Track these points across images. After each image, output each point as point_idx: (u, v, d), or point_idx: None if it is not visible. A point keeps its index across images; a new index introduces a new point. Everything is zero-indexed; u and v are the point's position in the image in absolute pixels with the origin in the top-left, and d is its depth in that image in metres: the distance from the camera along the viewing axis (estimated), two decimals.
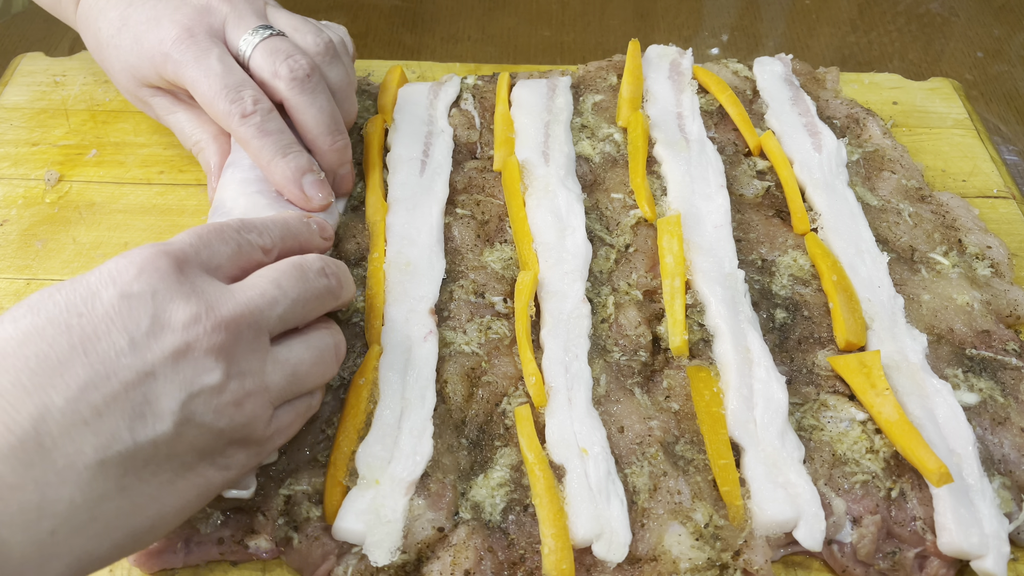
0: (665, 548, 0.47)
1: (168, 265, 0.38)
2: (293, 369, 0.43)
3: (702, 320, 0.58)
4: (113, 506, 0.35)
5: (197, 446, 0.38)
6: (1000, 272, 0.63)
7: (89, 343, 0.35)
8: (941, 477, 0.47)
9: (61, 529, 0.33)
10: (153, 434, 0.35)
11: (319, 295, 0.45)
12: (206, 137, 0.63)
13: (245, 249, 0.44)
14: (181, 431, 0.36)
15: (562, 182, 0.66)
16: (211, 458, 0.39)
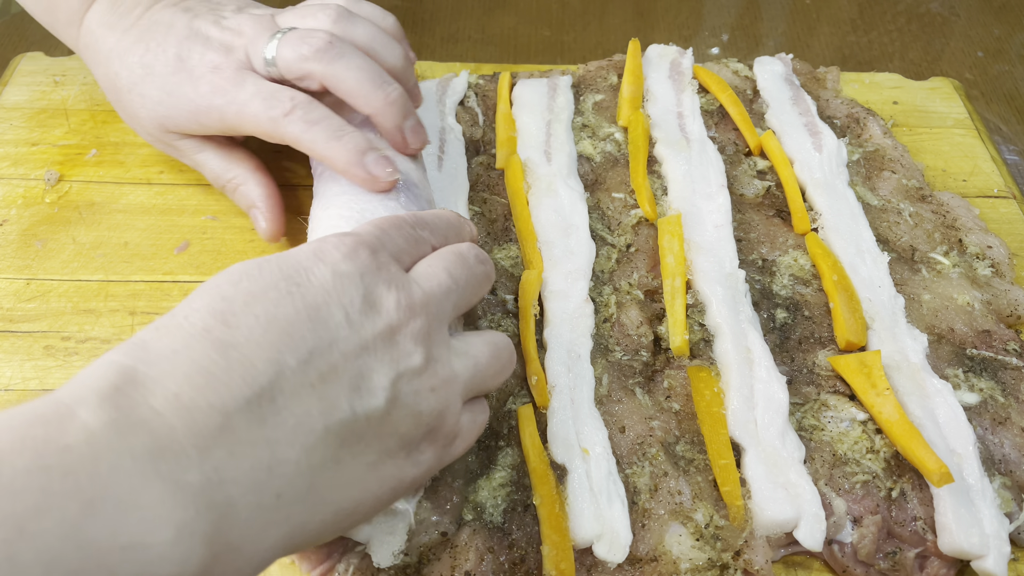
0: (665, 548, 0.47)
1: (367, 251, 0.40)
2: (475, 361, 0.42)
3: (703, 320, 0.58)
4: (328, 477, 0.34)
5: (400, 430, 0.37)
6: (1001, 272, 0.63)
7: (312, 310, 0.35)
8: (942, 477, 0.47)
9: (286, 493, 0.33)
10: (368, 408, 0.36)
11: (480, 281, 0.45)
12: (242, 173, 0.62)
13: (419, 244, 0.44)
14: (389, 409, 0.37)
15: (565, 181, 0.66)
16: (408, 449, 0.39)
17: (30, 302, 0.61)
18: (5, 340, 0.58)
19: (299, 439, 0.33)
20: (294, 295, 0.36)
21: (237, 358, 0.33)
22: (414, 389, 0.38)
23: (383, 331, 0.37)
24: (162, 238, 0.66)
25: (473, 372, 0.42)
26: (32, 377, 0.56)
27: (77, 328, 0.59)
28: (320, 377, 0.34)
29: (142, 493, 0.28)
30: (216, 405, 0.31)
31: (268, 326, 0.34)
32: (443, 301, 0.42)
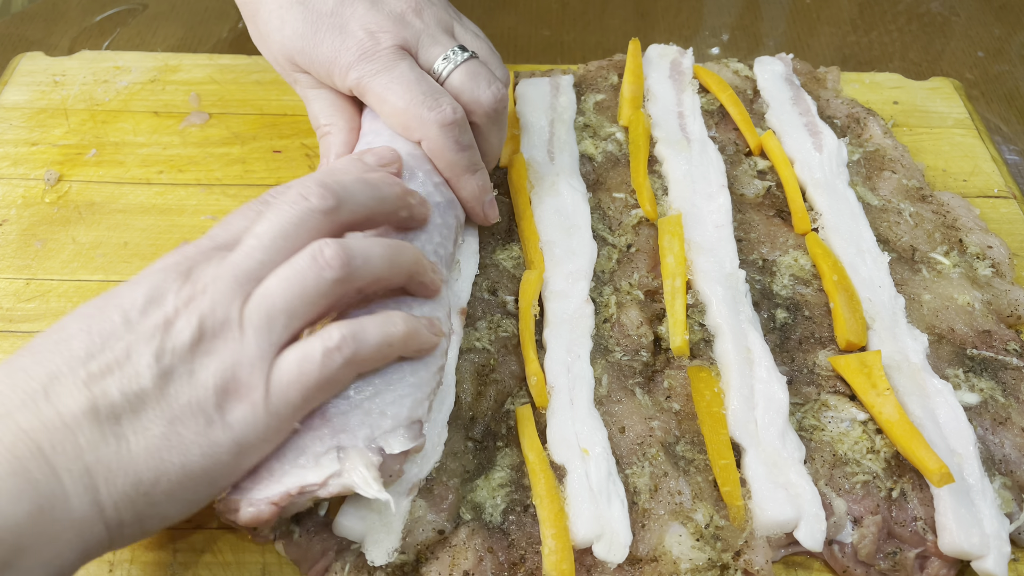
0: (666, 549, 0.47)
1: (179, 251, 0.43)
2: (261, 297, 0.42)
3: (703, 320, 0.58)
4: (112, 451, 0.38)
5: (181, 399, 0.40)
6: (1001, 272, 0.63)
7: (92, 321, 0.41)
8: (942, 477, 0.47)
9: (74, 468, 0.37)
10: (135, 388, 0.39)
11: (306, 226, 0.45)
12: (339, 124, 0.61)
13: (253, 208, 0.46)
14: (162, 385, 0.40)
15: (568, 181, 0.66)
16: (204, 414, 0.40)
17: (30, 302, 0.61)
18: (5, 340, 0.58)
19: (73, 425, 0.38)
20: (86, 316, 0.41)
21: (21, 376, 0.39)
22: (191, 359, 0.40)
23: (159, 321, 0.41)
24: (162, 238, 0.66)
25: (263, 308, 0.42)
26: None
27: None
28: (91, 376, 0.39)
29: None
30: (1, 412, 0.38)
31: (55, 345, 0.40)
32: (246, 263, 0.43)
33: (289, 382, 0.42)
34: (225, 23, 0.95)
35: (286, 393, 0.42)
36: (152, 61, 0.82)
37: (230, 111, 0.77)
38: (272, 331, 0.42)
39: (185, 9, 0.97)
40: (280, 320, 0.42)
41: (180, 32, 0.93)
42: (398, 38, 0.57)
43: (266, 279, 0.43)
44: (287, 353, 0.42)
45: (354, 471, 0.42)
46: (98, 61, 0.81)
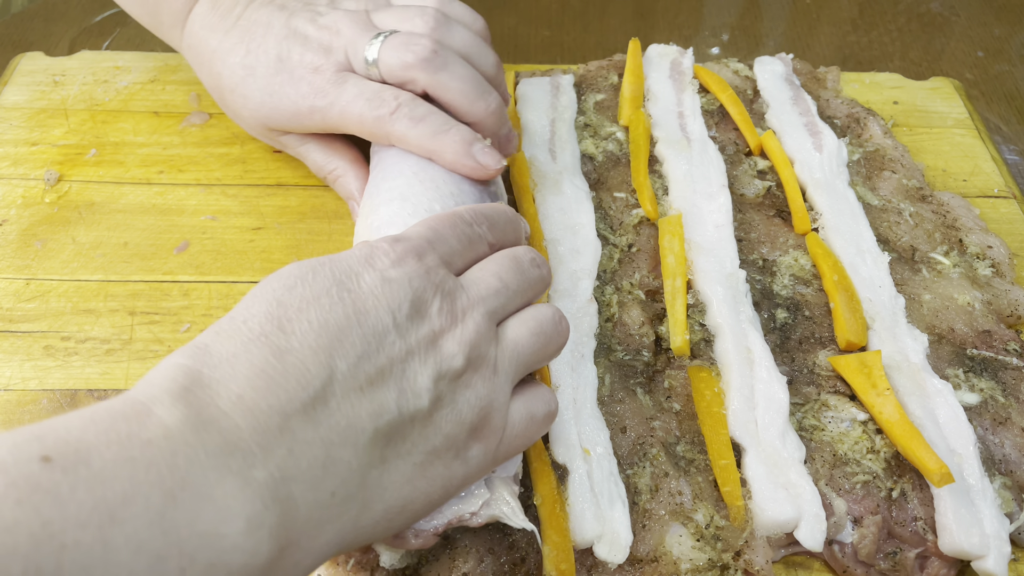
0: (666, 549, 0.47)
1: (415, 257, 0.41)
2: (514, 346, 0.42)
3: (703, 320, 0.58)
4: (376, 476, 0.36)
5: (444, 430, 0.39)
6: (1001, 272, 0.63)
7: (361, 316, 0.37)
8: (942, 477, 0.47)
9: (339, 491, 0.35)
10: (413, 408, 0.37)
11: (532, 284, 0.45)
12: (342, 164, 0.64)
13: (475, 243, 0.45)
14: (432, 411, 0.38)
15: (570, 180, 0.66)
16: (455, 448, 0.39)
17: (30, 302, 0.61)
18: (5, 340, 0.58)
19: (350, 439, 0.35)
20: (345, 301, 0.37)
21: (292, 362, 0.35)
22: (455, 389, 0.39)
23: (427, 335, 0.39)
24: (162, 238, 0.66)
25: (514, 358, 0.42)
26: (32, 377, 0.56)
27: (77, 328, 0.59)
28: (368, 380, 0.36)
29: (216, 486, 0.31)
30: (275, 407, 0.33)
31: (320, 331, 0.36)
32: (492, 301, 0.42)
33: (517, 435, 0.42)
34: None
35: (511, 444, 0.42)
36: (152, 61, 0.82)
37: None
38: (515, 380, 0.42)
39: None
40: (521, 372, 0.43)
41: None
42: (332, 63, 0.59)
43: (511, 325, 0.43)
44: (516, 404, 0.42)
45: (501, 501, 0.43)
46: (98, 61, 0.81)
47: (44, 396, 0.55)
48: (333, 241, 0.66)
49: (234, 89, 0.63)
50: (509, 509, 0.43)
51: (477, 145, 0.56)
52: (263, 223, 0.67)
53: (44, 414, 0.54)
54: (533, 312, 0.44)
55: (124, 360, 0.58)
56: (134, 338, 0.59)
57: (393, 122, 0.56)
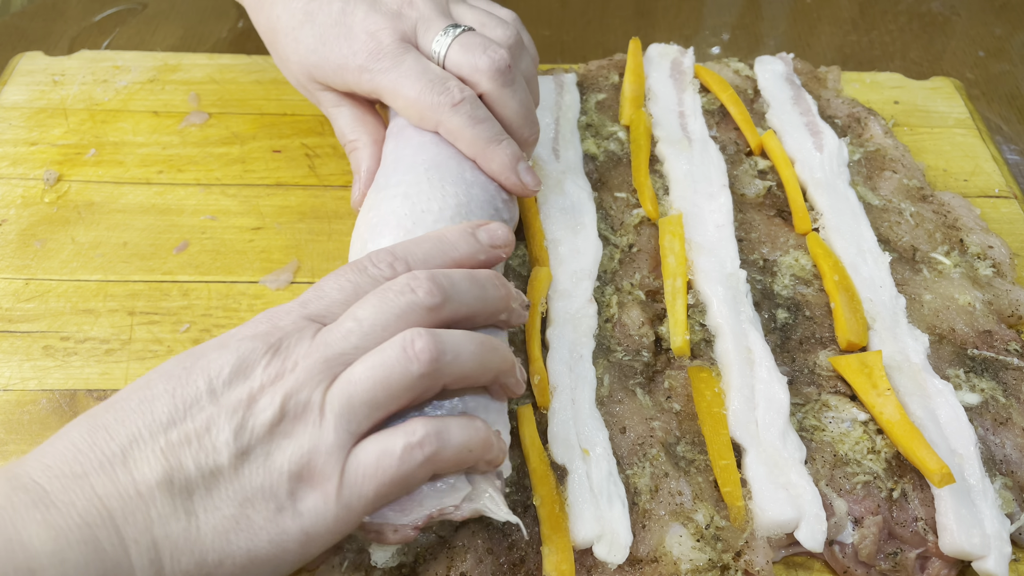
0: (666, 549, 0.47)
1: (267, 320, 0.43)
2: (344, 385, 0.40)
3: (703, 320, 0.58)
4: (181, 527, 0.38)
5: (255, 482, 0.39)
6: (1002, 272, 0.63)
7: (178, 387, 0.40)
8: (943, 478, 0.47)
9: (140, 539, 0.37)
10: (211, 464, 0.38)
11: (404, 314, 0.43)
12: (365, 138, 0.63)
13: (364, 289, 0.44)
14: (238, 464, 0.39)
15: (573, 179, 0.66)
16: (275, 499, 0.39)
17: (29, 302, 0.61)
18: (4, 340, 0.58)
19: (145, 492, 0.37)
20: (172, 376, 0.40)
21: (101, 434, 0.38)
22: (270, 440, 0.39)
23: (243, 395, 0.40)
24: (161, 238, 0.66)
25: (346, 397, 0.40)
26: (31, 377, 0.56)
27: (76, 328, 0.59)
28: (169, 444, 0.38)
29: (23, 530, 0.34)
30: (76, 470, 0.37)
31: (138, 405, 0.39)
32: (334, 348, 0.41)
33: (365, 475, 0.40)
34: (225, 23, 0.95)
35: (360, 486, 0.40)
36: (151, 61, 0.81)
37: (229, 111, 0.77)
38: (352, 420, 0.40)
39: (185, 9, 0.97)
40: (362, 410, 0.40)
41: (179, 32, 0.93)
42: (397, 33, 0.58)
43: (353, 364, 0.41)
44: (366, 444, 0.40)
45: (484, 495, 0.43)
46: (97, 61, 0.81)
47: (43, 396, 0.55)
48: (333, 241, 0.66)
49: (288, 32, 0.61)
50: (492, 502, 0.42)
51: (523, 164, 0.57)
52: (263, 223, 0.67)
53: (43, 414, 0.54)
54: (378, 350, 0.42)
55: (123, 360, 0.58)
56: (133, 338, 0.59)
57: (452, 114, 0.56)
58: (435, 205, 0.53)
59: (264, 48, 0.66)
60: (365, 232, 0.53)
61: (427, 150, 0.57)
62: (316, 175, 0.72)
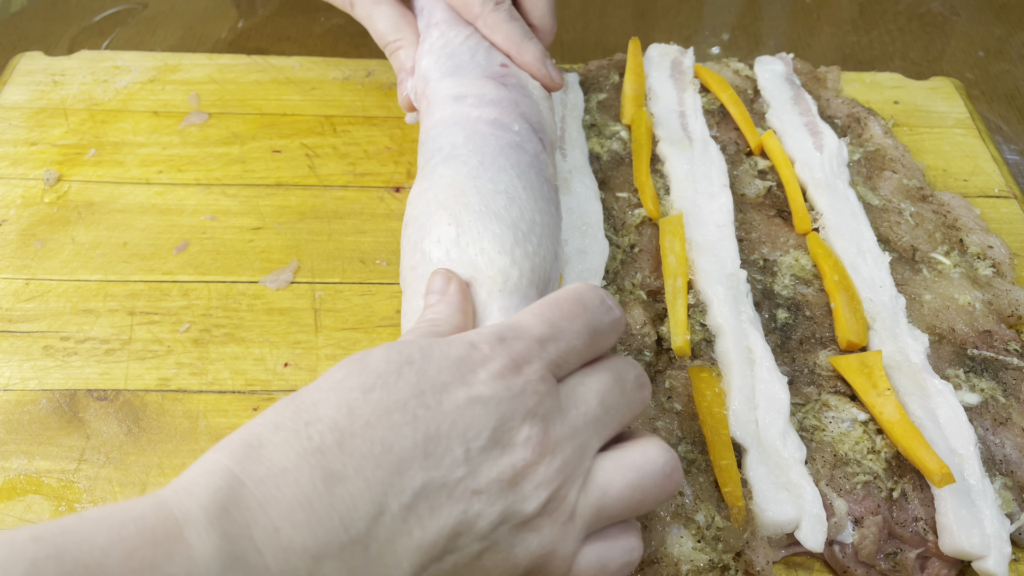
0: (667, 550, 0.47)
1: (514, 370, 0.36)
2: (601, 495, 0.37)
3: (704, 320, 0.58)
4: None
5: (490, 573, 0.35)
6: (1002, 272, 0.63)
7: (431, 444, 0.33)
8: (943, 478, 0.47)
9: None
10: (460, 555, 0.33)
11: (633, 410, 0.40)
12: (407, 36, 0.64)
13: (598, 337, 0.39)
14: (482, 555, 0.34)
15: (580, 179, 0.66)
16: None
17: (29, 302, 0.61)
18: (4, 340, 0.58)
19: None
20: (418, 421, 0.33)
21: (341, 494, 0.31)
22: (517, 532, 0.35)
23: (504, 473, 0.34)
24: (161, 238, 0.66)
25: (598, 510, 0.37)
26: (31, 377, 0.56)
27: (76, 328, 0.59)
28: (420, 524, 0.32)
29: None
30: (311, 549, 0.30)
31: (380, 458, 0.32)
32: (586, 433, 0.37)
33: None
34: (225, 23, 0.95)
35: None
36: (151, 61, 0.81)
37: (230, 111, 0.77)
38: (592, 528, 0.37)
39: (185, 9, 0.97)
40: (604, 521, 0.37)
41: (179, 32, 0.93)
42: None
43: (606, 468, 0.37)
44: (589, 551, 0.37)
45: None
46: (97, 61, 0.81)
47: (43, 396, 0.55)
48: (333, 241, 0.66)
49: None
50: None
51: (550, 60, 0.62)
52: (263, 223, 0.67)
53: (43, 414, 0.54)
54: (636, 454, 0.38)
55: (123, 360, 0.58)
56: (133, 338, 0.59)
57: (495, 10, 0.60)
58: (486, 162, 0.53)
59: (264, 48, 0.66)
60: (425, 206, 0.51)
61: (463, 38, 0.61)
62: (316, 175, 0.72)
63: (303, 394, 0.34)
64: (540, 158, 0.55)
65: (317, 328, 0.60)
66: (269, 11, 0.97)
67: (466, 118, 0.56)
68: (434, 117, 0.58)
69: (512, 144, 0.54)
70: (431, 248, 0.48)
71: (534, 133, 0.56)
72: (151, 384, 0.56)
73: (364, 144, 0.75)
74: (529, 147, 0.55)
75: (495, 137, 0.54)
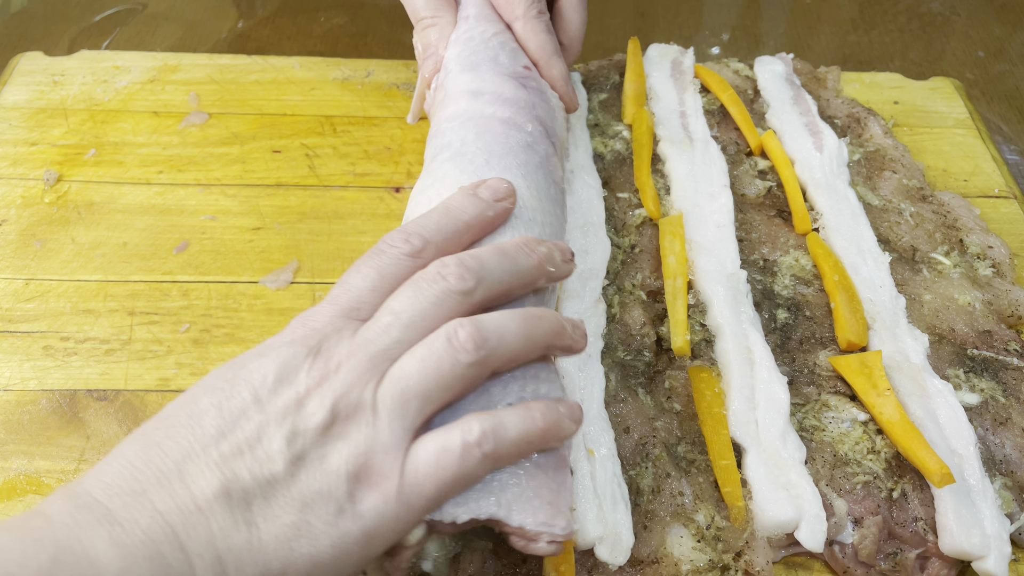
0: (667, 550, 0.47)
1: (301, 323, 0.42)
2: (395, 380, 0.40)
3: (704, 320, 0.58)
4: (243, 539, 0.37)
5: (313, 486, 0.38)
6: (1001, 272, 0.63)
7: (224, 401, 0.39)
8: (943, 478, 0.47)
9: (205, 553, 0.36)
10: (266, 473, 0.38)
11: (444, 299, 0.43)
12: (444, 16, 0.65)
13: (387, 271, 0.44)
14: (294, 471, 0.38)
15: (583, 177, 0.66)
16: (335, 502, 0.38)
17: (29, 302, 0.61)
18: (4, 340, 0.58)
19: (204, 507, 0.37)
20: (216, 390, 0.40)
21: (155, 451, 0.38)
22: (323, 443, 0.39)
23: (290, 400, 0.39)
24: (161, 238, 0.66)
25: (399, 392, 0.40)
26: (31, 377, 0.56)
27: (76, 328, 0.59)
28: (223, 456, 0.38)
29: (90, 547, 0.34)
30: (135, 488, 0.37)
31: (187, 420, 0.39)
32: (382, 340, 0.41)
33: (425, 474, 0.39)
34: (225, 23, 0.95)
35: (421, 485, 0.39)
36: (151, 61, 0.81)
37: (230, 111, 0.77)
38: (406, 416, 0.40)
39: (185, 9, 0.97)
40: (415, 404, 0.40)
41: (179, 32, 0.93)
42: None
43: (400, 359, 0.41)
44: (424, 442, 0.40)
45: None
46: (97, 61, 0.81)
47: (43, 396, 0.55)
48: (333, 241, 0.66)
49: None
50: None
51: (570, 83, 0.64)
52: (263, 223, 0.67)
53: (43, 414, 0.54)
54: (430, 337, 0.41)
55: (123, 360, 0.58)
56: (133, 338, 0.59)
57: (537, 18, 0.63)
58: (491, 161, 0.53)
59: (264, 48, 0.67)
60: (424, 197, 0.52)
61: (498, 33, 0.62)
62: (316, 175, 0.72)
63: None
64: (550, 160, 0.55)
65: None
66: (269, 11, 0.97)
67: (480, 115, 0.56)
68: (448, 110, 0.58)
69: (523, 144, 0.54)
70: None
71: (547, 136, 0.56)
72: (151, 384, 0.56)
73: (364, 144, 0.75)
74: (540, 148, 0.55)
75: (506, 136, 0.54)
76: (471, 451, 0.40)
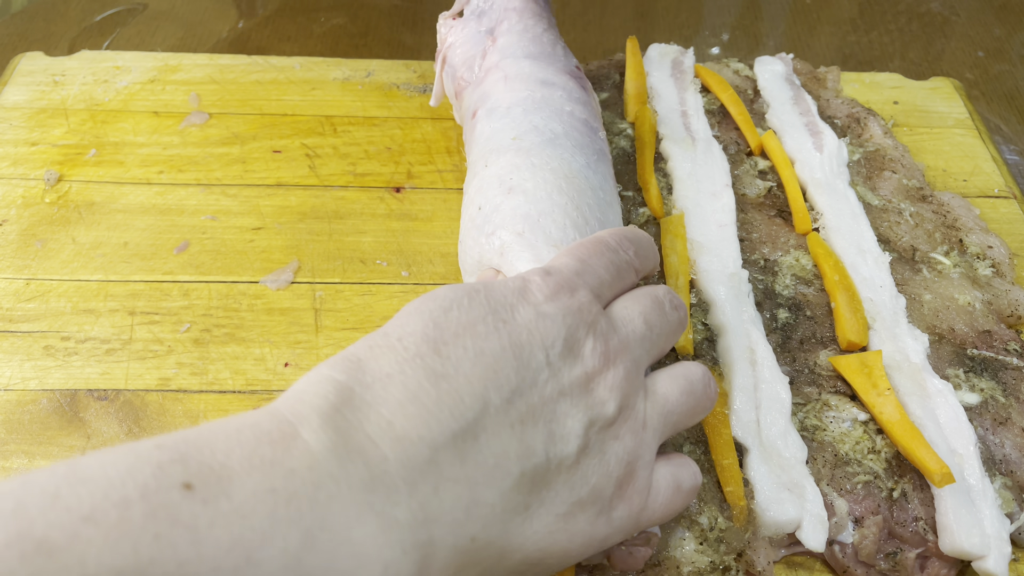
0: (669, 553, 0.47)
1: (568, 293, 0.38)
2: (663, 402, 0.39)
3: (706, 319, 0.58)
4: (517, 524, 0.33)
5: (590, 481, 0.36)
6: (1001, 272, 0.63)
7: (517, 349, 0.35)
8: (943, 478, 0.47)
9: (480, 536, 0.32)
10: (561, 454, 0.34)
11: (673, 329, 0.42)
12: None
13: (623, 273, 0.42)
14: (580, 458, 0.35)
15: None
16: (600, 503, 0.36)
17: (30, 302, 0.61)
18: (5, 340, 0.58)
19: (496, 480, 0.33)
20: (500, 331, 0.35)
21: (447, 389, 0.32)
22: (604, 439, 0.36)
23: (580, 377, 0.36)
24: (162, 238, 0.66)
25: (663, 416, 0.39)
26: (32, 377, 0.56)
27: (77, 328, 0.59)
28: (520, 418, 0.33)
29: (356, 527, 0.28)
30: (426, 438, 0.31)
31: (476, 359, 0.34)
32: (638, 349, 0.39)
33: (662, 502, 0.39)
34: (225, 23, 0.95)
35: (654, 512, 0.39)
36: (152, 61, 0.81)
37: (230, 111, 0.77)
38: (659, 439, 0.39)
39: (185, 9, 0.97)
40: (668, 431, 0.39)
41: (180, 32, 0.93)
42: None
43: (661, 380, 0.40)
44: (661, 470, 0.39)
45: None
46: (98, 61, 0.81)
47: (44, 396, 0.55)
48: (333, 241, 0.66)
49: None
50: None
51: None
52: (263, 223, 0.67)
53: (44, 414, 0.54)
54: (683, 369, 0.41)
55: (124, 360, 0.58)
56: (134, 338, 0.59)
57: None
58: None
59: (264, 48, 0.67)
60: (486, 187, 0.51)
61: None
62: (316, 175, 0.72)
63: (382, 327, 0.35)
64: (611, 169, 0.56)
65: (317, 328, 0.60)
66: (269, 11, 0.98)
67: (559, 110, 0.55)
68: (519, 93, 0.56)
69: (599, 151, 0.54)
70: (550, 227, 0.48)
71: (605, 143, 0.57)
72: (151, 384, 0.56)
73: (364, 144, 0.75)
74: (607, 156, 0.55)
75: (590, 140, 0.54)
76: (692, 496, 0.42)
